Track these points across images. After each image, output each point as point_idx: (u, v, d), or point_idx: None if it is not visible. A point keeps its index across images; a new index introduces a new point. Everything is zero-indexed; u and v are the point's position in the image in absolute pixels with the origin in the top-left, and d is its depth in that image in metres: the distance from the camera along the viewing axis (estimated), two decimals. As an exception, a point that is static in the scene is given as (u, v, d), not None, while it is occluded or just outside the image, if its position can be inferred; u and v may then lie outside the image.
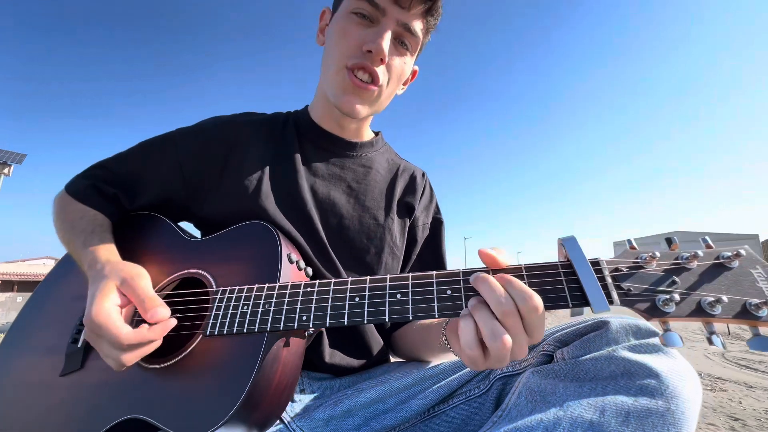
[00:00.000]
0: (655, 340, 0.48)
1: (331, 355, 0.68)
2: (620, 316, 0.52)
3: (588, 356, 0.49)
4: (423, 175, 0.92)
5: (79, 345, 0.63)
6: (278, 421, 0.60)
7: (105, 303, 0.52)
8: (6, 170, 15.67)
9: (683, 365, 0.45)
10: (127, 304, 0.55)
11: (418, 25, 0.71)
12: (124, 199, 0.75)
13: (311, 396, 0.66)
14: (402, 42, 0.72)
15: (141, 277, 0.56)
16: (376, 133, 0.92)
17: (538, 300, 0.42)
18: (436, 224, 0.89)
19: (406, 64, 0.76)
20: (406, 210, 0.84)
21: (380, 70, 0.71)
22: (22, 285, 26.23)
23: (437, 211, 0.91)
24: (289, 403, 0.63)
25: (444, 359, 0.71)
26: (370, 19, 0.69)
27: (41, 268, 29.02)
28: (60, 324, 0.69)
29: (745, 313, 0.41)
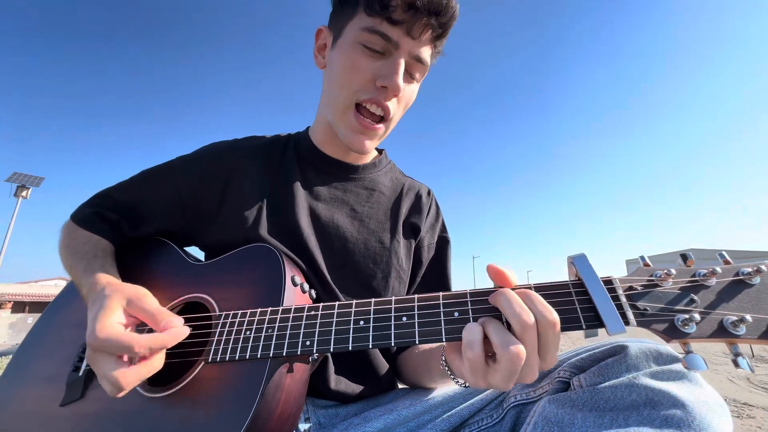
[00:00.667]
0: (679, 366, 0.46)
1: (337, 382, 0.66)
2: (640, 340, 0.50)
3: (607, 384, 0.47)
4: (429, 192, 0.90)
5: (80, 374, 0.62)
6: None
7: (109, 319, 0.51)
8: (24, 193, 16.18)
9: (711, 394, 0.43)
10: (133, 324, 0.53)
11: (427, 53, 0.68)
12: (126, 227, 0.75)
13: (316, 426, 0.63)
14: (412, 75, 0.71)
15: (146, 295, 0.55)
16: (380, 151, 0.91)
17: (556, 316, 0.40)
18: (442, 243, 0.86)
19: (413, 92, 0.75)
20: (412, 231, 0.82)
21: (392, 104, 0.69)
22: (34, 306, 26.45)
23: (443, 229, 0.88)
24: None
25: (445, 387, 0.69)
26: (381, 53, 0.66)
27: (52, 288, 29.28)
28: (61, 352, 0.68)
29: (770, 333, 0.39)
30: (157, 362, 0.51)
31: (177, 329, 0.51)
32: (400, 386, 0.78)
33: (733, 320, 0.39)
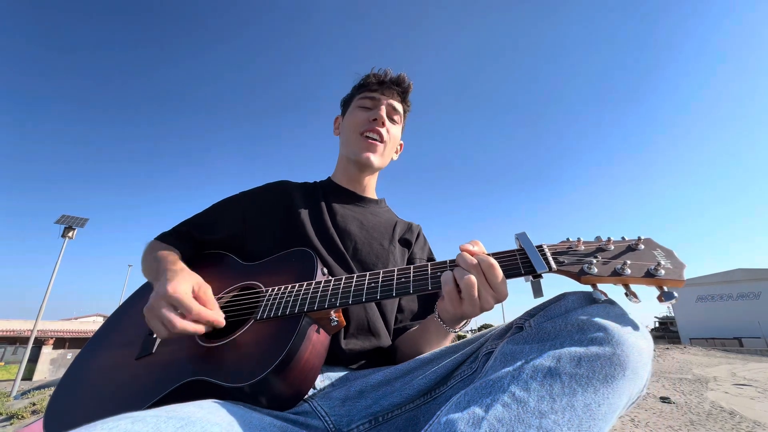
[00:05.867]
0: (606, 306, 0.57)
1: (347, 344, 0.83)
2: (577, 290, 0.62)
3: (549, 321, 0.58)
4: (417, 226, 1.20)
5: (153, 335, 0.76)
6: (302, 401, 0.70)
7: (182, 285, 0.68)
8: (71, 234, 17.28)
9: (631, 321, 0.55)
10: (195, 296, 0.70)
11: (399, 106, 1.16)
12: (196, 234, 1.00)
13: (330, 386, 0.76)
14: (392, 118, 1.15)
15: (209, 287, 0.75)
16: (381, 198, 1.24)
17: (493, 260, 0.62)
18: (431, 259, 1.15)
19: (397, 131, 1.18)
20: (405, 243, 1.11)
21: (383, 131, 1.11)
22: (74, 342, 27.08)
23: (430, 252, 1.18)
24: (312, 389, 0.72)
25: (439, 346, 0.84)
26: (370, 108, 1.12)
27: (91, 325, 30.09)
28: (137, 327, 0.82)
29: (648, 274, 0.59)
30: (200, 328, 0.67)
31: (222, 318, 0.69)
32: None
33: (621, 266, 0.60)
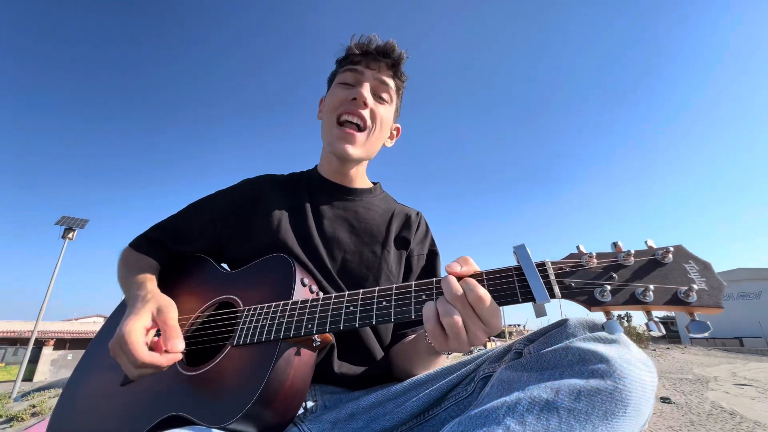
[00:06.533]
0: (608, 334, 0.51)
1: (340, 366, 0.77)
2: (579, 316, 0.57)
3: (549, 349, 0.54)
4: (417, 214, 1.06)
5: None
6: (291, 425, 0.68)
7: (137, 324, 0.65)
8: (71, 235, 17.26)
9: (635, 353, 0.50)
10: (154, 328, 0.68)
11: (389, 80, 0.97)
12: (171, 244, 0.93)
13: (321, 407, 0.73)
14: (380, 96, 0.96)
15: (172, 308, 0.70)
16: (375, 183, 1.09)
17: (482, 291, 0.52)
18: (432, 256, 1.00)
19: (387, 111, 0.98)
20: (402, 243, 0.97)
21: (366, 114, 0.92)
22: (74, 343, 27.24)
23: (432, 244, 1.03)
24: (301, 410, 0.71)
25: (431, 369, 0.78)
26: (352, 84, 0.94)
27: (92, 326, 30.30)
28: None
29: (676, 300, 0.48)
30: (149, 371, 0.63)
31: (171, 356, 0.63)
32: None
33: (642, 291, 0.49)
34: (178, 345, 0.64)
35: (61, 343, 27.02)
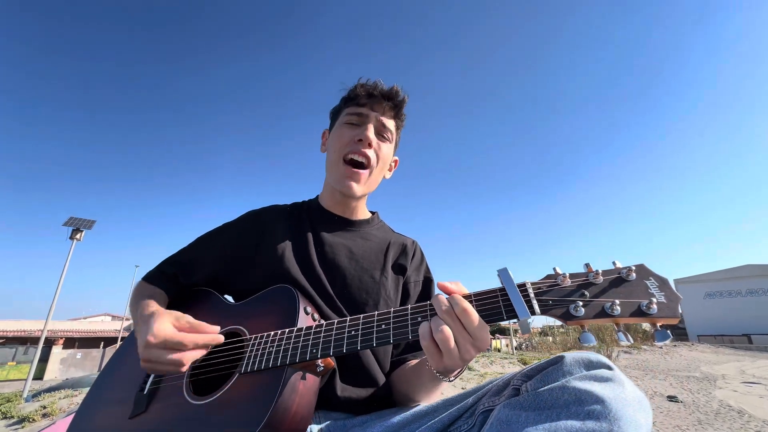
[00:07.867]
0: (604, 372, 0.54)
1: (343, 390, 0.80)
2: (576, 352, 0.59)
3: (546, 387, 0.55)
4: (413, 242, 1.12)
5: (145, 392, 0.78)
6: None
7: (164, 324, 0.68)
8: (78, 236, 17.44)
9: (631, 392, 0.51)
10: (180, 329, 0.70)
11: (390, 123, 1.04)
12: (181, 277, 0.98)
13: (326, 430, 0.75)
14: (382, 136, 1.03)
15: (188, 315, 0.74)
16: (373, 213, 1.15)
17: (466, 304, 0.59)
18: (427, 282, 1.08)
19: (388, 149, 1.06)
20: (399, 270, 1.04)
21: (371, 153, 0.99)
22: (83, 341, 27.38)
23: (427, 270, 1.10)
24: None
25: (431, 395, 0.83)
26: (357, 124, 1.01)
27: (100, 324, 30.52)
28: (129, 381, 0.84)
29: (640, 313, 0.55)
30: (201, 352, 0.69)
31: (216, 335, 0.69)
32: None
33: (610, 305, 0.56)
34: (213, 327, 0.70)
35: (70, 342, 27.14)
